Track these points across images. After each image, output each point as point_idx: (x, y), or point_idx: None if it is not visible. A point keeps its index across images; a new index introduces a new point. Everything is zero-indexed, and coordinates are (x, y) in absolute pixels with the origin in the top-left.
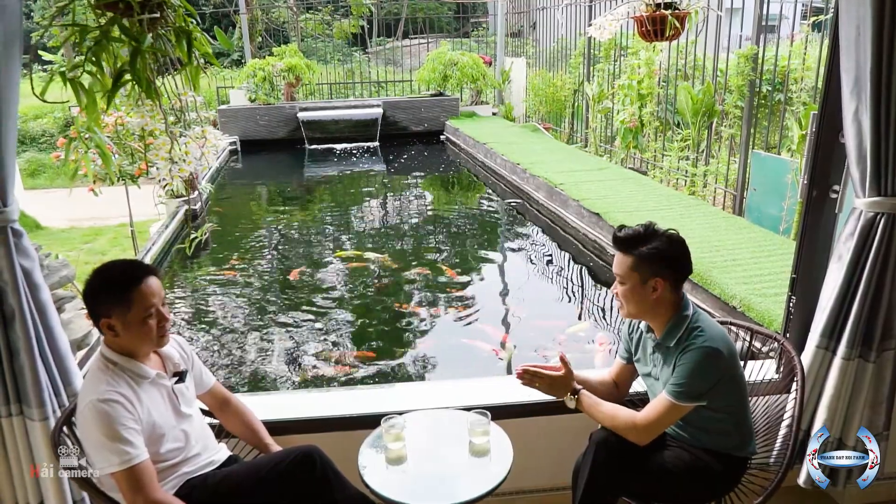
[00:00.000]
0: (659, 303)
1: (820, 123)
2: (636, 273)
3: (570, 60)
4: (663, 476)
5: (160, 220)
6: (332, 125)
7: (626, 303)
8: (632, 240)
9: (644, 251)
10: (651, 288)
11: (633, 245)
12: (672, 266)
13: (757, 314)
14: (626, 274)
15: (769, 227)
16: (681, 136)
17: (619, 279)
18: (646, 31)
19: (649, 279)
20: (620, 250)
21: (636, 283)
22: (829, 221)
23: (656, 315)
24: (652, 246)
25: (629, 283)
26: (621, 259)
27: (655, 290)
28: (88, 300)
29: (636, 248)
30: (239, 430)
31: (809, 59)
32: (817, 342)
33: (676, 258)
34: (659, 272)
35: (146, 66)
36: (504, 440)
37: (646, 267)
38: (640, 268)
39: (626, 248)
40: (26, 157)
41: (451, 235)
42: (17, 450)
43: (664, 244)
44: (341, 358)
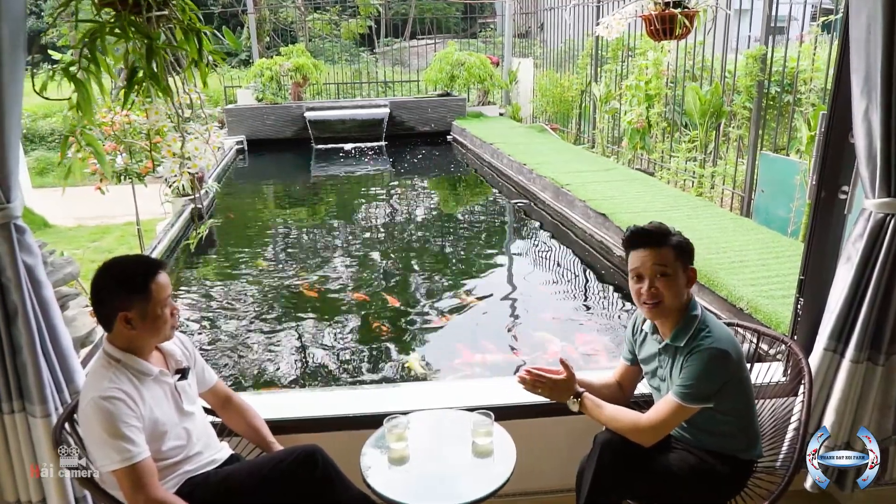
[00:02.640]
0: (686, 297)
1: (829, 123)
2: (678, 262)
3: (577, 61)
4: (668, 478)
5: (166, 218)
6: (338, 125)
7: (672, 295)
8: (663, 232)
9: (679, 241)
10: (688, 278)
11: (667, 236)
12: (693, 258)
13: (764, 316)
14: (670, 265)
15: (777, 229)
16: (688, 137)
17: (660, 272)
18: (654, 30)
19: (687, 269)
20: (655, 245)
21: (680, 272)
22: (838, 223)
23: (677, 312)
24: (678, 238)
25: (674, 275)
26: (660, 252)
27: (690, 281)
28: (103, 295)
29: (670, 240)
30: (241, 429)
31: (819, 60)
32: (825, 344)
33: (693, 250)
34: (691, 262)
35: (161, 63)
36: (507, 441)
37: (684, 257)
38: (680, 257)
39: (662, 241)
40: (35, 156)
41: (457, 237)
42: (18, 446)
43: (682, 237)
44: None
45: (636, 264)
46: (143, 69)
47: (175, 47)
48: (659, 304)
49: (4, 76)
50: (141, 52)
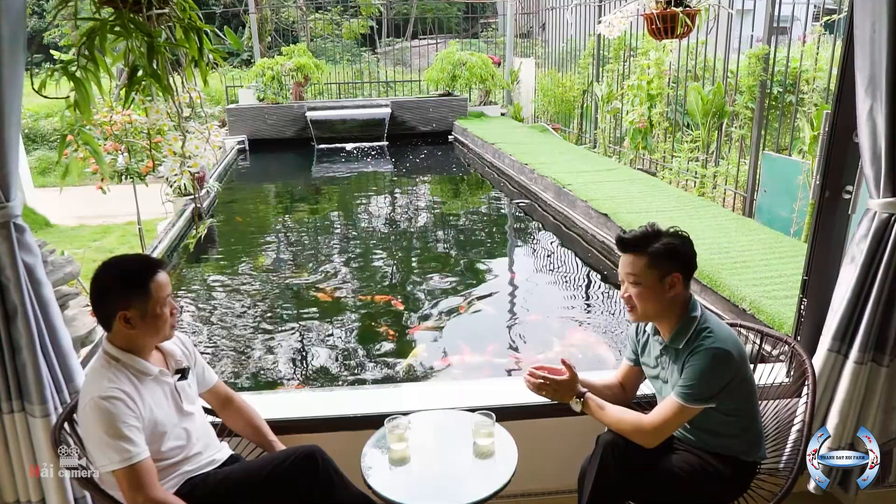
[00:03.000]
0: (674, 302)
1: (833, 122)
2: (652, 271)
3: (579, 61)
4: (671, 480)
5: (167, 218)
6: (340, 125)
7: (643, 303)
8: (641, 239)
9: (658, 248)
10: (668, 285)
11: (644, 244)
12: (684, 261)
13: (767, 317)
14: (641, 273)
15: (779, 229)
16: (691, 137)
17: (631, 280)
18: (656, 29)
19: (666, 276)
20: (631, 251)
21: (653, 281)
22: (841, 222)
23: (668, 316)
24: (663, 242)
25: (645, 283)
26: (633, 260)
27: (673, 287)
28: (102, 294)
29: (648, 247)
30: (241, 429)
31: (821, 59)
32: (829, 345)
33: (688, 253)
34: (674, 268)
35: (162, 62)
36: (509, 442)
37: (662, 263)
38: (655, 265)
39: (638, 248)
40: (37, 156)
41: (458, 236)
42: (18, 446)
43: (675, 240)
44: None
45: (619, 269)
46: (144, 67)
47: (176, 45)
48: (633, 310)
49: (4, 74)
50: (141, 51)
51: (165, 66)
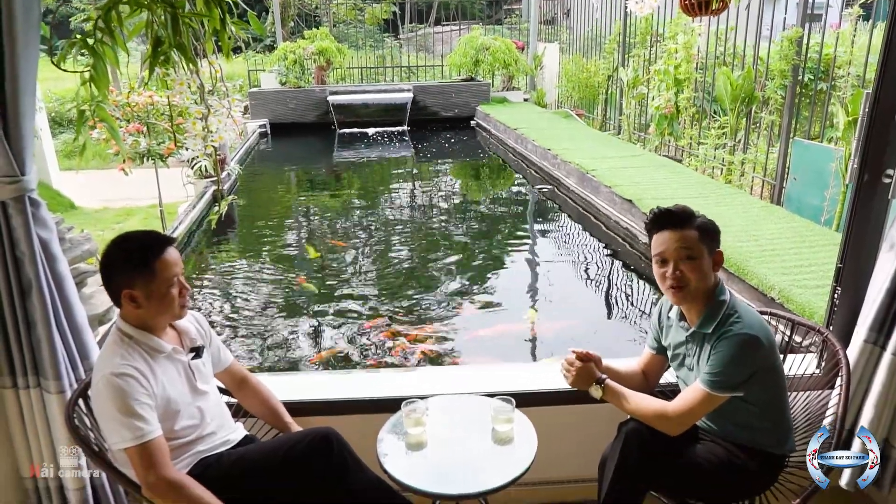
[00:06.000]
0: (713, 280)
1: (875, 102)
2: (704, 245)
3: (604, 46)
4: (695, 471)
5: (188, 200)
6: (361, 109)
7: (698, 278)
8: (687, 214)
9: (704, 222)
10: (714, 261)
11: (691, 218)
12: (718, 240)
13: (797, 306)
14: (695, 247)
15: (809, 218)
16: (718, 124)
17: (685, 255)
18: (690, 5)
19: (714, 251)
20: (678, 226)
21: (705, 254)
22: (880, 208)
23: (704, 297)
24: (702, 219)
25: (699, 257)
26: (684, 234)
27: (717, 264)
28: (108, 271)
29: (694, 221)
30: (257, 410)
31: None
32: (865, 336)
33: (719, 232)
34: (717, 244)
35: (187, 33)
36: (528, 428)
37: (709, 239)
38: (705, 239)
39: (686, 222)
40: (62, 139)
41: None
42: (34, 422)
43: (706, 219)
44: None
45: (660, 247)
46: (168, 38)
47: (200, 15)
48: (684, 287)
49: (18, 48)
50: (164, 21)
51: (189, 37)
